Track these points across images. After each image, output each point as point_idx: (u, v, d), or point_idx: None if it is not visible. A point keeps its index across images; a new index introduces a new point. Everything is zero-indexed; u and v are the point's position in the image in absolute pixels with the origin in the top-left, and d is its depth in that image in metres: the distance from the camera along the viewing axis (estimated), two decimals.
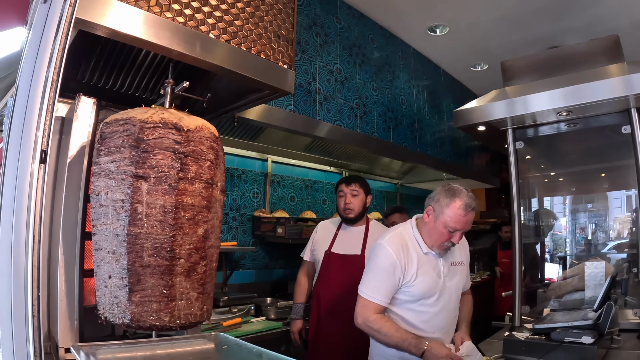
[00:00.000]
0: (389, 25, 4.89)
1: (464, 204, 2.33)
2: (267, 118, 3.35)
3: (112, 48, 2.18)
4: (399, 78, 5.05)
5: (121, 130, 1.80)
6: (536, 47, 5.03)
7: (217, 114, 2.75)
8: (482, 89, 6.48)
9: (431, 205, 2.43)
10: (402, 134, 4.95)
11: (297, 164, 4.80)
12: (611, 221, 4.20)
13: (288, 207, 4.70)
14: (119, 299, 1.77)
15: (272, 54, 2.33)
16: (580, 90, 3.00)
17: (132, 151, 1.77)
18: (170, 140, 1.82)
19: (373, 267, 2.40)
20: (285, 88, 2.37)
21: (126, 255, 1.75)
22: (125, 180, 1.77)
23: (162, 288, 1.81)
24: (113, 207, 1.77)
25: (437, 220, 2.37)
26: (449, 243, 2.39)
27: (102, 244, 1.79)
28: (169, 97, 2.12)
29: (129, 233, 1.75)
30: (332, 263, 3.21)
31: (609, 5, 4.48)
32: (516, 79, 3.59)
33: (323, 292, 3.16)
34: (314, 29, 3.93)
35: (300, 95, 3.72)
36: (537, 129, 3.56)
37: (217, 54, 2.08)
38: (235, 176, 4.19)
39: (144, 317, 1.78)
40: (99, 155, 1.82)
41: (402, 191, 6.68)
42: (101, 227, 1.79)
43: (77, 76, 2.30)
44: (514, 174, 3.51)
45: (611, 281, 2.66)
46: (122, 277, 1.76)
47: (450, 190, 2.39)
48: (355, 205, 3.27)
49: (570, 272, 3.49)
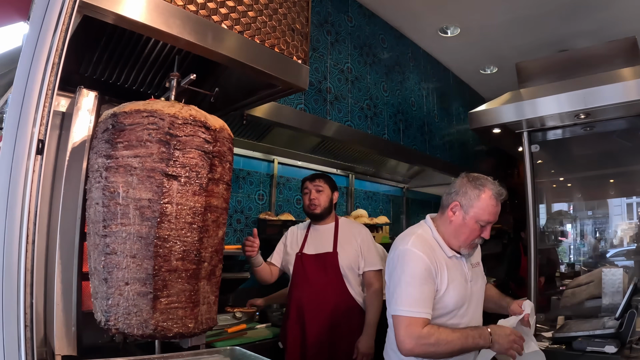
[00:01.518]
0: (399, 26, 4.81)
1: (494, 192, 2.11)
2: (276, 116, 3.26)
3: (117, 38, 2.09)
4: (409, 79, 4.97)
5: (146, 123, 1.69)
6: (547, 50, 4.97)
7: (225, 111, 2.66)
8: (490, 92, 6.42)
9: (457, 200, 2.15)
10: (412, 136, 4.86)
11: (303, 165, 4.69)
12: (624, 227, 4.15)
13: (294, 210, 4.59)
14: (140, 308, 1.64)
15: (286, 48, 2.24)
16: (599, 93, 2.94)
17: (162, 147, 1.67)
18: (200, 139, 1.76)
19: (406, 277, 2.02)
20: (300, 84, 2.28)
21: (152, 260, 1.64)
22: (154, 179, 1.66)
23: (189, 293, 1.74)
24: (136, 206, 1.65)
25: (466, 215, 2.11)
26: (479, 240, 2.16)
27: (117, 247, 1.65)
28: (174, 91, 2.04)
29: (158, 235, 1.65)
30: (307, 264, 3.10)
31: (621, 9, 4.42)
32: (531, 81, 3.51)
33: (304, 295, 3.04)
34: (325, 27, 3.84)
35: (311, 94, 3.63)
36: (553, 133, 3.49)
37: (229, 45, 1.98)
38: (241, 177, 4.09)
39: (169, 325, 1.69)
40: (113, 148, 1.69)
41: (408, 195, 6.57)
42: (117, 228, 1.65)
43: (80, 69, 2.22)
44: (529, 177, 3.43)
45: (634, 288, 2.56)
46: (145, 283, 1.64)
47: (476, 179, 2.16)
48: (321, 201, 3.17)
49: (584, 278, 3.38)
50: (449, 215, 2.17)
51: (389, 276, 2.12)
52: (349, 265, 3.07)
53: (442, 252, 2.14)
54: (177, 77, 2.05)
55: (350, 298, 3.06)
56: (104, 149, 1.71)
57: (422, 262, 2.02)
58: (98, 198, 1.69)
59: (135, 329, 1.64)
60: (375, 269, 3.15)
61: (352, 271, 3.08)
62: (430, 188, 6.72)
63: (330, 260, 3.07)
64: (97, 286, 1.70)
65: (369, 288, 3.14)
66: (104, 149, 1.71)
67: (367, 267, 3.12)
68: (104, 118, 1.78)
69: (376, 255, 3.19)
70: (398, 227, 6.26)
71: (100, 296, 1.68)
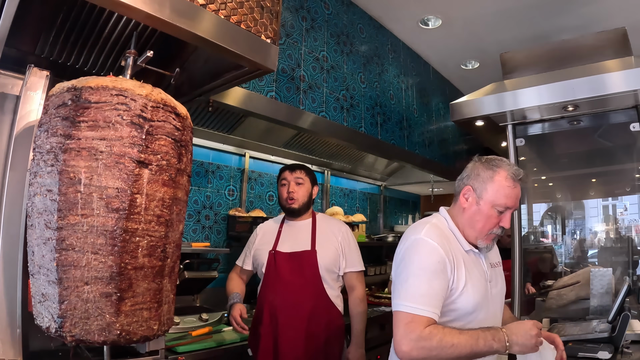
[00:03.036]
0: (379, 16, 4.64)
1: (510, 172, 1.90)
2: (247, 104, 3.04)
3: (75, 16, 1.89)
4: (388, 72, 4.80)
5: (115, 103, 1.49)
6: (530, 44, 4.82)
7: (191, 97, 2.44)
8: (471, 88, 6.26)
9: (469, 184, 1.97)
10: (390, 130, 4.69)
11: (276, 160, 4.51)
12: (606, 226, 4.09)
13: (266, 206, 4.40)
14: (102, 310, 1.45)
15: (253, 26, 2.03)
16: (587, 83, 2.81)
17: (133, 131, 1.50)
18: (171, 125, 1.61)
19: (414, 269, 1.78)
20: (268, 65, 2.06)
21: (119, 256, 1.46)
22: (123, 165, 1.47)
23: (154, 292, 1.58)
24: (100, 196, 1.44)
25: (480, 200, 1.91)
26: (498, 229, 1.92)
27: (76, 242, 1.42)
28: (130, 70, 1.82)
29: (126, 229, 1.47)
30: (280, 263, 2.82)
31: (606, 3, 4.31)
32: (516, 72, 3.37)
33: (278, 297, 2.77)
34: (300, 12, 3.65)
35: (283, 81, 3.42)
36: (538, 127, 3.35)
37: (191, 19, 1.77)
38: (210, 172, 3.87)
39: (134, 328, 1.52)
40: (74, 127, 1.46)
41: (386, 193, 6.43)
42: (76, 220, 1.43)
43: (36, 50, 2.02)
44: None
45: (628, 290, 2.42)
46: (109, 282, 1.45)
47: (489, 160, 1.97)
48: (300, 195, 2.92)
49: (569, 279, 3.25)
50: (461, 203, 1.98)
51: (395, 269, 1.88)
52: (328, 266, 2.83)
53: (458, 244, 1.92)
54: (134, 54, 1.83)
55: (328, 302, 2.82)
56: (60, 127, 1.47)
57: (436, 253, 1.78)
58: (51, 184, 1.45)
59: (96, 334, 1.46)
60: (357, 270, 2.93)
61: (331, 272, 2.84)
62: (409, 186, 6.60)
63: (307, 259, 2.82)
64: (44, 288, 1.46)
65: (351, 291, 2.92)
66: (61, 127, 1.47)
67: (348, 268, 2.90)
68: (58, 91, 1.54)
69: (358, 255, 2.96)
70: (375, 225, 6.12)
71: (51, 299, 1.45)
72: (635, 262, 3.24)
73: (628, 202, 3.92)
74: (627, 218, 3.90)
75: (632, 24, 4.28)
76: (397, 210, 6.87)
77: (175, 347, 2.59)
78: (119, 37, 2.04)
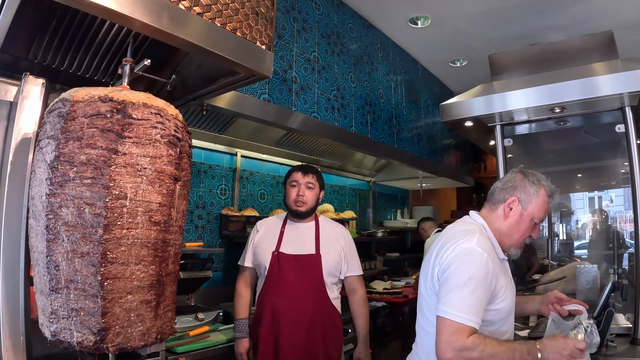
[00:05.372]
0: (369, 15, 4.66)
1: (549, 190, 2.07)
2: (239, 107, 3.06)
3: (69, 21, 1.89)
4: (378, 71, 4.83)
5: (154, 122, 1.56)
6: (518, 43, 4.91)
7: (184, 101, 2.45)
8: (460, 85, 6.38)
9: (516, 195, 2.06)
10: (380, 128, 4.73)
11: (267, 159, 4.53)
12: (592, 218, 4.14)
13: (258, 204, 4.42)
14: (143, 317, 1.55)
15: (249, 32, 2.05)
16: (574, 86, 2.87)
17: (170, 150, 1.61)
18: (189, 144, 1.76)
19: (465, 278, 1.81)
20: (263, 71, 2.08)
21: (158, 265, 1.58)
22: (163, 182, 1.58)
23: (174, 295, 1.73)
24: (144, 210, 1.52)
25: (524, 212, 2.03)
26: (528, 239, 2.08)
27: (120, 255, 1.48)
28: (127, 78, 1.84)
29: (164, 240, 1.60)
30: (284, 265, 2.82)
31: (594, 4, 4.37)
32: (505, 74, 3.42)
33: (281, 299, 2.78)
34: (291, 14, 3.66)
35: (275, 83, 3.44)
36: (526, 127, 3.41)
37: (188, 27, 1.78)
38: (202, 171, 3.89)
39: (165, 329, 1.67)
40: (121, 142, 1.50)
41: (375, 189, 6.48)
42: (121, 233, 1.48)
43: (29, 55, 2.01)
44: (502, 172, 3.34)
45: (612, 287, 2.48)
46: (149, 290, 1.56)
47: (532, 175, 2.09)
48: (309, 199, 2.92)
49: (555, 274, 3.31)
50: (505, 212, 2.07)
51: (442, 272, 1.89)
52: (330, 270, 2.87)
53: (494, 254, 1.98)
54: (131, 62, 1.87)
55: (329, 304, 2.87)
56: (100, 139, 1.49)
57: (486, 265, 1.83)
58: (92, 198, 1.46)
59: (137, 340, 1.55)
60: (358, 274, 2.99)
61: (332, 276, 2.89)
62: (397, 182, 6.65)
63: (312, 263, 2.85)
64: (75, 303, 1.47)
65: (354, 293, 2.98)
66: (102, 139, 1.49)
67: (349, 272, 2.95)
68: (87, 99, 1.53)
69: (357, 259, 3.02)
70: (365, 221, 6.17)
71: (88, 313, 1.47)
72: (620, 256, 3.29)
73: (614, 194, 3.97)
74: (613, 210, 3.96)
75: (618, 24, 4.37)
76: (386, 205, 6.92)
77: (175, 347, 2.63)
78: (112, 41, 2.03)
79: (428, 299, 1.99)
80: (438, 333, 1.79)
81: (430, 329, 1.92)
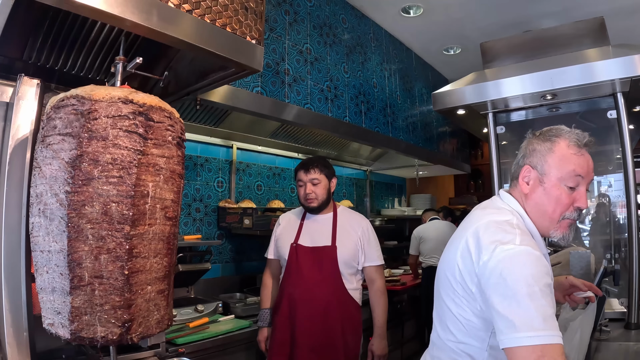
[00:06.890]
0: (360, 5, 4.65)
1: (573, 139, 1.56)
2: (232, 100, 3.08)
3: (61, 22, 1.91)
4: (371, 60, 4.84)
5: (167, 125, 1.67)
6: (511, 30, 4.89)
7: (177, 96, 2.48)
8: (454, 73, 6.37)
9: (526, 163, 1.63)
10: (374, 118, 4.74)
11: (263, 150, 4.57)
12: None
13: (255, 196, 4.46)
14: (159, 306, 1.68)
15: (238, 28, 2.07)
16: (565, 73, 2.89)
17: (178, 150, 1.74)
18: (184, 145, 1.89)
19: (524, 287, 1.30)
20: (254, 65, 2.11)
21: (170, 256, 1.72)
22: (174, 180, 1.71)
23: (172, 283, 1.83)
24: (161, 207, 1.65)
25: (543, 177, 1.57)
26: (572, 212, 1.57)
27: (143, 249, 1.59)
28: (120, 76, 1.87)
29: (174, 233, 1.74)
30: (302, 257, 2.90)
31: None
32: (496, 61, 3.44)
33: (297, 290, 2.86)
34: (283, 6, 3.67)
35: (268, 76, 3.46)
36: (519, 114, 3.43)
37: (178, 25, 1.80)
38: (199, 164, 3.92)
39: (171, 315, 1.81)
40: (145, 144, 1.58)
41: (372, 178, 6.52)
42: (144, 229, 1.59)
43: (24, 55, 2.02)
44: (495, 159, 3.37)
45: (604, 272, 2.51)
46: (163, 280, 1.69)
47: (546, 132, 1.63)
48: (318, 194, 2.95)
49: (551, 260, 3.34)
50: (522, 189, 1.63)
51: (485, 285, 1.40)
52: (347, 261, 2.90)
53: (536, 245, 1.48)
54: (123, 61, 1.88)
55: (346, 295, 2.90)
56: (127, 140, 1.54)
57: (542, 262, 1.37)
58: (121, 196, 1.52)
59: (154, 328, 1.67)
60: (377, 265, 2.99)
61: (349, 267, 2.92)
62: (394, 170, 6.68)
63: (327, 254, 2.89)
64: (100, 298, 1.51)
65: (372, 284, 3.00)
66: (129, 140, 1.54)
67: (367, 263, 2.97)
68: (107, 98, 1.54)
69: (377, 249, 3.02)
70: (362, 210, 6.20)
71: (113, 307, 1.51)
72: (618, 241, 3.31)
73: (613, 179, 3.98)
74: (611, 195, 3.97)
75: (611, 10, 4.37)
76: (383, 194, 6.96)
77: (175, 339, 2.68)
78: (105, 40, 2.05)
79: (451, 305, 1.56)
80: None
81: (454, 345, 1.55)
